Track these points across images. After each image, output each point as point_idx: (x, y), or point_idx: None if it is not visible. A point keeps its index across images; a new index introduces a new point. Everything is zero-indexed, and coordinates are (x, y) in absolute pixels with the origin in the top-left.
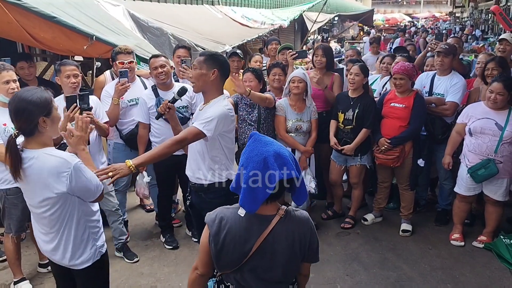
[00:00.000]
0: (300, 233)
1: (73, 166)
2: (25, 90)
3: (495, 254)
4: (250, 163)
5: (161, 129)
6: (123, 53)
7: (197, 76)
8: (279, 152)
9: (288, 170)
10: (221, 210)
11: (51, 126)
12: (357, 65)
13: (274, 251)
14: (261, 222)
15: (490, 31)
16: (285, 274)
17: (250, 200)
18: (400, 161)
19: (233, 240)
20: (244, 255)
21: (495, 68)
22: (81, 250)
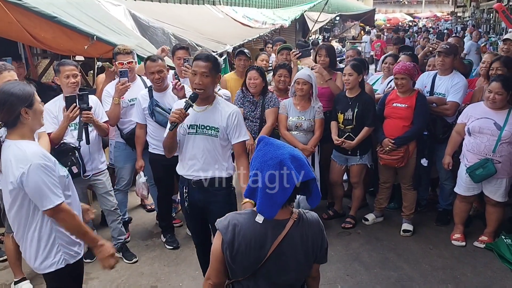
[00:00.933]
0: (313, 235)
1: (30, 165)
2: (7, 83)
3: (496, 254)
4: (265, 167)
5: (156, 130)
6: (122, 53)
7: (209, 84)
8: (293, 154)
9: (305, 172)
10: (233, 216)
11: (33, 118)
12: (349, 65)
13: (288, 255)
14: (275, 227)
15: (492, 30)
16: (297, 277)
17: (269, 205)
18: (405, 161)
19: (248, 246)
20: (259, 260)
21: (500, 68)
22: (44, 254)
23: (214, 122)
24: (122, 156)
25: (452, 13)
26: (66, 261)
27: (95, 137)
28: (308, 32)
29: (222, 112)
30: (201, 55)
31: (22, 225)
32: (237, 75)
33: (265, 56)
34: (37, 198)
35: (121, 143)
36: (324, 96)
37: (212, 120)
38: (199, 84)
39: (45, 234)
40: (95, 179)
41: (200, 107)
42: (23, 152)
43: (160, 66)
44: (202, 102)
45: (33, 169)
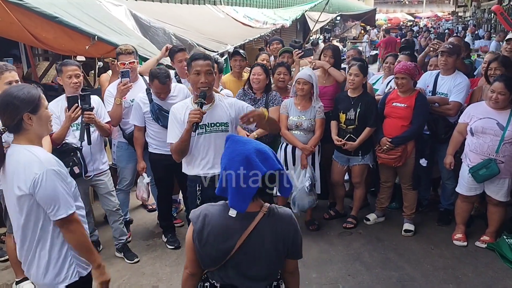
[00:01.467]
0: (284, 230)
1: (46, 170)
2: (13, 86)
3: (498, 254)
4: (233, 163)
5: (161, 132)
6: (124, 53)
7: (212, 81)
8: (258, 148)
9: (270, 163)
10: (205, 207)
11: (37, 124)
12: (356, 66)
13: (257, 247)
14: (244, 219)
15: (493, 30)
16: (268, 271)
17: (239, 199)
18: (402, 161)
19: (216, 237)
20: (228, 251)
21: (498, 68)
22: (56, 268)
23: (222, 118)
24: (124, 156)
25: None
26: (79, 273)
27: (97, 137)
28: (309, 32)
29: (226, 105)
30: (199, 54)
31: (29, 238)
32: (234, 76)
33: (265, 56)
34: (50, 206)
35: (123, 143)
36: (326, 95)
37: (219, 116)
38: (205, 82)
39: (57, 246)
40: (97, 179)
41: (205, 106)
42: (36, 157)
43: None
44: (206, 101)
45: (48, 174)
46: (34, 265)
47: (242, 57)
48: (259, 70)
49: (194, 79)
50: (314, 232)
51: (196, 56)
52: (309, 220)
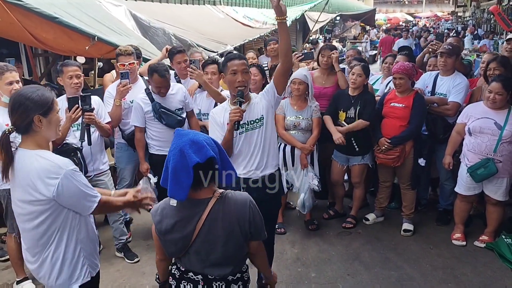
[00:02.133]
0: (239, 213)
1: (64, 172)
2: (28, 86)
3: (497, 253)
4: (171, 157)
5: (163, 132)
6: (123, 54)
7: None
8: (193, 139)
9: (203, 153)
10: (163, 201)
11: (46, 127)
12: (359, 66)
13: (214, 232)
14: (198, 205)
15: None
16: (228, 255)
17: (177, 190)
18: (401, 161)
19: (173, 226)
20: (187, 238)
21: (497, 68)
22: (69, 270)
23: (257, 114)
24: (124, 157)
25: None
26: (90, 273)
27: (97, 138)
28: (309, 32)
29: (258, 100)
30: (234, 55)
31: (42, 241)
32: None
33: (252, 54)
34: (79, 205)
35: (122, 143)
36: (326, 96)
37: (255, 112)
38: (242, 81)
39: (71, 248)
40: (97, 179)
41: (243, 105)
42: (51, 162)
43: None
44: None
45: (68, 176)
46: (45, 267)
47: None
48: (255, 71)
49: (231, 79)
50: (313, 232)
51: (232, 56)
52: (308, 220)
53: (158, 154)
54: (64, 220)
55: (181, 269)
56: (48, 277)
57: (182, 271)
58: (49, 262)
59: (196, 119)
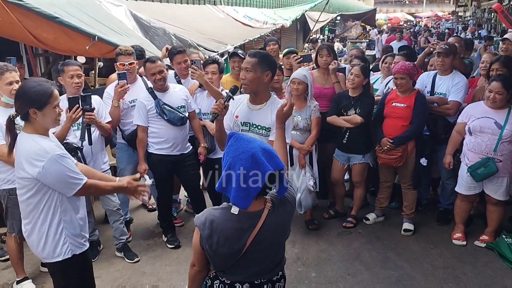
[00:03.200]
0: (287, 221)
1: (50, 156)
2: (33, 79)
3: (497, 253)
4: (238, 161)
5: (164, 130)
6: (124, 54)
7: (251, 79)
8: (264, 147)
9: (276, 163)
10: (209, 212)
11: (41, 119)
12: (358, 67)
13: (268, 241)
14: (251, 218)
15: (493, 30)
16: (275, 260)
17: (243, 197)
18: (403, 161)
19: (226, 240)
20: (238, 252)
21: (499, 69)
22: (52, 244)
23: (265, 122)
24: (124, 157)
25: (453, 12)
26: (72, 251)
27: (98, 137)
28: (309, 32)
29: (274, 110)
30: (250, 52)
31: (32, 213)
32: (232, 77)
33: None
34: (62, 186)
35: (122, 144)
36: (326, 96)
37: (264, 120)
38: (242, 79)
39: (54, 225)
40: None
41: (255, 106)
42: (40, 146)
43: (160, 67)
44: (256, 100)
45: (53, 160)
46: (34, 239)
47: (241, 58)
48: None
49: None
50: (313, 232)
51: (248, 53)
52: (309, 220)
53: (156, 154)
54: (50, 199)
55: (226, 282)
56: (36, 247)
57: (228, 284)
58: (36, 234)
59: (198, 120)
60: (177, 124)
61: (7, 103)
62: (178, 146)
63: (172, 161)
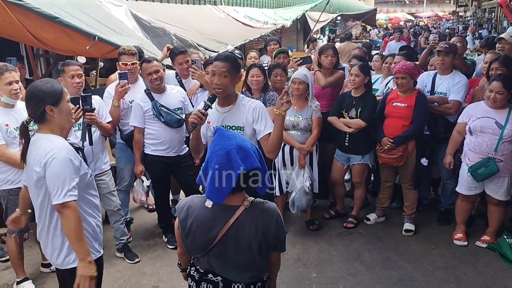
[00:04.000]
0: (265, 224)
1: (58, 155)
2: (39, 80)
3: (498, 254)
4: (214, 157)
5: (160, 131)
6: (127, 54)
7: (228, 84)
8: (241, 145)
9: (250, 162)
10: (191, 198)
11: (58, 116)
12: (357, 66)
13: (238, 239)
14: (226, 211)
15: (494, 30)
16: (249, 262)
17: (216, 192)
18: (403, 161)
19: (199, 227)
20: (209, 241)
21: (499, 68)
22: (68, 250)
23: (238, 122)
24: (123, 157)
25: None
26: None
27: (98, 137)
28: (310, 32)
29: (246, 109)
30: (220, 55)
31: (47, 217)
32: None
33: (254, 54)
34: (53, 188)
35: (121, 144)
36: (325, 96)
37: (237, 119)
38: (217, 84)
39: None
40: (98, 179)
41: (224, 108)
42: (53, 144)
43: (156, 66)
44: (225, 103)
45: (58, 159)
46: (49, 244)
47: (238, 57)
48: (257, 72)
49: (210, 79)
50: (314, 232)
51: (218, 56)
52: (309, 220)
53: (152, 155)
54: None
55: (200, 271)
56: (51, 255)
57: (202, 272)
58: (51, 240)
59: None
60: (174, 126)
61: (7, 103)
62: (174, 148)
63: (167, 162)
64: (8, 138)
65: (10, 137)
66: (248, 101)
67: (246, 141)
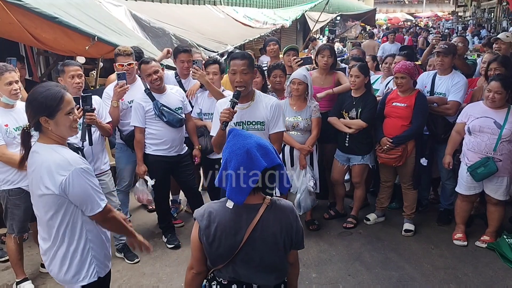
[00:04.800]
0: (287, 221)
1: (73, 169)
2: (43, 85)
3: (498, 254)
4: (234, 156)
5: (162, 131)
6: (122, 55)
7: (248, 80)
8: (260, 142)
9: (271, 158)
10: (208, 205)
11: (55, 128)
12: (356, 67)
13: (264, 238)
14: (249, 211)
15: (493, 30)
16: (276, 262)
17: (237, 192)
18: (403, 160)
19: (224, 231)
20: (236, 245)
21: (497, 68)
22: (77, 267)
23: (259, 117)
24: (123, 157)
25: (453, 12)
26: (98, 273)
27: (98, 137)
28: (309, 32)
29: (264, 104)
30: (237, 54)
31: (54, 235)
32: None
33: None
34: (85, 203)
35: (121, 144)
36: (325, 96)
37: (257, 115)
38: (240, 81)
39: (81, 245)
40: (98, 179)
41: (243, 104)
42: (63, 157)
43: (155, 67)
44: (244, 99)
45: (77, 173)
46: (56, 262)
47: None
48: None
49: (230, 78)
50: (314, 232)
51: (234, 55)
52: (309, 220)
53: (153, 155)
54: (74, 217)
55: (223, 283)
56: (58, 272)
57: (225, 284)
58: (59, 257)
59: (193, 122)
60: (176, 125)
61: (7, 103)
62: (175, 147)
63: (169, 162)
64: (7, 138)
65: (10, 138)
66: (265, 97)
67: (263, 139)
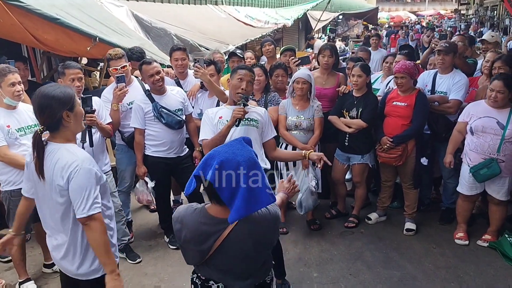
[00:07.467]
0: (261, 234)
1: (81, 167)
2: (47, 86)
3: (500, 253)
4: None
5: (161, 133)
6: (114, 59)
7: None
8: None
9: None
10: (184, 209)
11: (74, 121)
12: (358, 67)
13: (235, 249)
14: (219, 224)
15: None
16: (251, 270)
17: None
18: (403, 160)
19: (192, 239)
20: (204, 253)
21: (502, 67)
22: (90, 259)
23: (255, 116)
24: (124, 158)
25: (456, 10)
26: None
27: (99, 139)
28: (311, 31)
29: (258, 109)
30: (244, 66)
31: (69, 229)
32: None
33: (250, 54)
34: (77, 201)
35: (122, 145)
36: (326, 96)
37: (253, 115)
38: (245, 90)
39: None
40: None
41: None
42: (74, 155)
43: (156, 67)
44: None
45: (83, 172)
46: (69, 255)
47: (239, 57)
48: (259, 71)
49: (236, 84)
50: (315, 232)
51: (241, 66)
52: (310, 220)
53: (153, 156)
54: None
55: (202, 278)
56: (71, 265)
57: (203, 279)
58: (73, 251)
59: (194, 123)
60: (175, 127)
61: (9, 104)
62: (175, 149)
63: (168, 163)
64: (9, 139)
65: (12, 138)
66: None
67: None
